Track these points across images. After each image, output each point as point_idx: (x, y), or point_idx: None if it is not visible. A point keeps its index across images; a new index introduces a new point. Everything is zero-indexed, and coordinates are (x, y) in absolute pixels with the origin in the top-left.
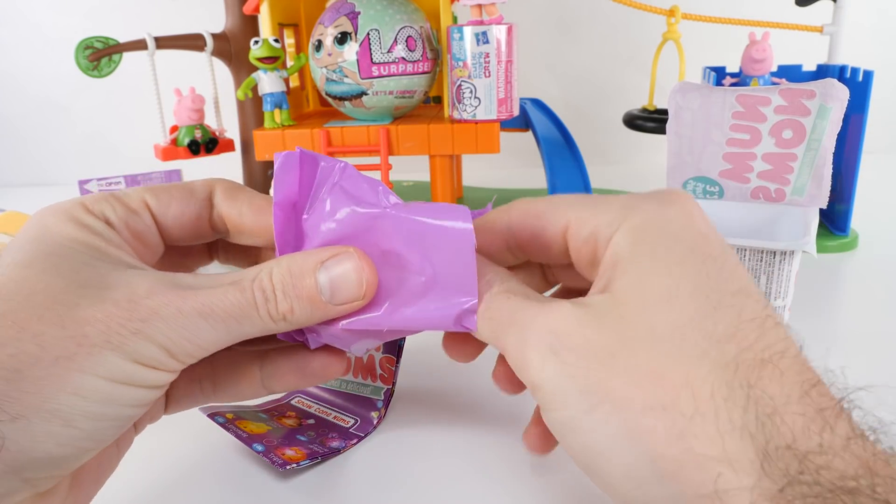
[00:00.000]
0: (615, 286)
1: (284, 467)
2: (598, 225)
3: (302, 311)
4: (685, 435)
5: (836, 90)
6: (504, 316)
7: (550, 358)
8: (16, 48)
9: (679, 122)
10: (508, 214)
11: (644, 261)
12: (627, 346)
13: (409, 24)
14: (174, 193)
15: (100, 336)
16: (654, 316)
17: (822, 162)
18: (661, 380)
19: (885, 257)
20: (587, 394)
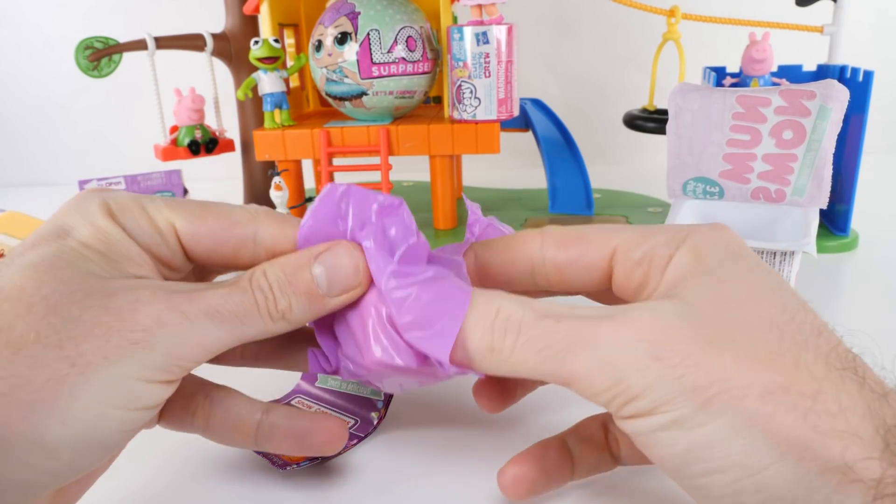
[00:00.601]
0: (687, 294)
1: (284, 468)
2: (653, 247)
3: (300, 307)
4: (809, 414)
5: (836, 91)
6: (560, 341)
7: (652, 364)
8: (16, 48)
9: (679, 123)
10: (541, 238)
11: (716, 270)
12: (730, 338)
13: (409, 24)
14: (211, 225)
15: (96, 352)
16: (742, 313)
17: (823, 162)
18: (774, 363)
19: (886, 257)
20: (699, 389)
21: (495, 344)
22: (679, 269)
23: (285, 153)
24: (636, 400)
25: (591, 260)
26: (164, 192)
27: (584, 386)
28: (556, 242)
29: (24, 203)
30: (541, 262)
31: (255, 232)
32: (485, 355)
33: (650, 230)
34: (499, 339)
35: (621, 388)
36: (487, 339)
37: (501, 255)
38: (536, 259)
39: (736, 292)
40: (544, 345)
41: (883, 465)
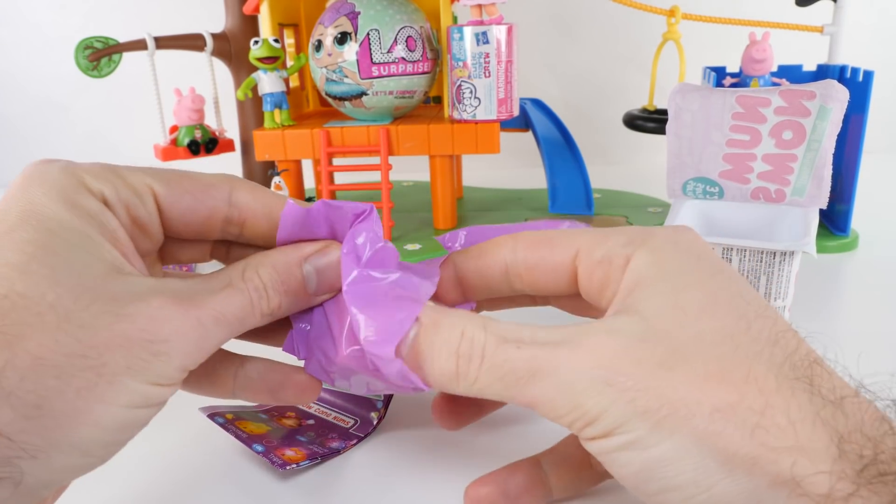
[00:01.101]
0: (643, 306)
1: (284, 468)
2: (612, 247)
3: (288, 304)
4: (757, 430)
5: (836, 91)
6: (520, 369)
7: (606, 390)
8: (16, 48)
9: (679, 123)
10: (515, 240)
11: (674, 277)
12: (681, 356)
13: (409, 24)
14: (187, 186)
15: (120, 363)
16: (698, 326)
17: (823, 162)
18: (724, 380)
19: (886, 257)
20: (650, 412)
21: (460, 370)
22: (637, 274)
23: (285, 153)
24: (595, 423)
25: (557, 260)
26: None
27: (545, 410)
28: (526, 245)
29: None
30: (514, 263)
31: (229, 195)
32: (451, 380)
33: (612, 231)
34: (463, 364)
35: (580, 413)
36: (452, 364)
37: (477, 261)
38: (510, 261)
39: (692, 303)
40: (505, 372)
41: (832, 479)
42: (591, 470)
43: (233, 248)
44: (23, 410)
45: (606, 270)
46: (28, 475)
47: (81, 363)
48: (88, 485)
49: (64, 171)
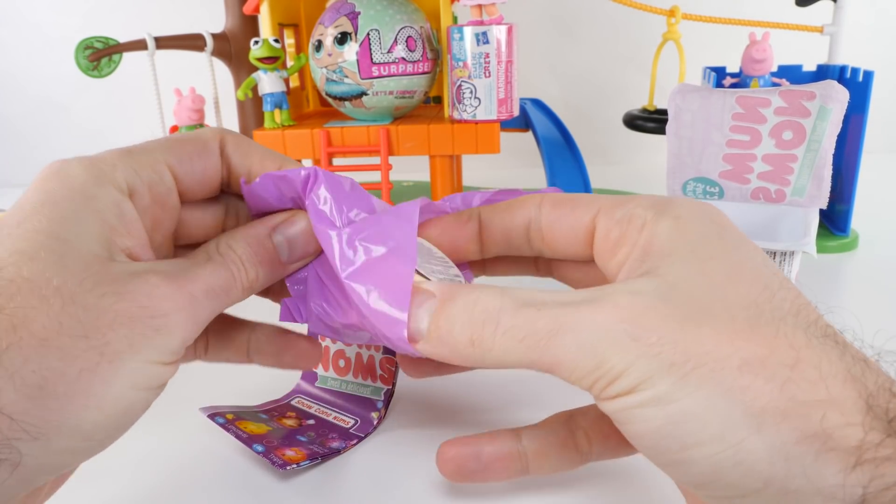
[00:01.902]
0: (666, 271)
1: (284, 468)
2: (633, 208)
3: (265, 275)
4: (787, 384)
5: (836, 92)
6: (542, 329)
7: (631, 345)
8: (16, 48)
9: (679, 124)
10: (542, 199)
11: (698, 246)
12: (707, 314)
13: (409, 24)
14: (190, 149)
15: (122, 341)
16: (722, 292)
17: (823, 163)
18: (753, 335)
19: (886, 257)
20: (676, 365)
21: (475, 336)
22: (658, 239)
23: (285, 153)
24: (618, 380)
25: (577, 219)
26: None
27: (567, 371)
28: (551, 203)
29: None
30: (537, 220)
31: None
32: (466, 348)
33: (635, 196)
34: (478, 330)
35: (604, 371)
36: (468, 331)
37: (503, 216)
38: (534, 218)
39: (716, 271)
40: (526, 334)
41: (863, 431)
42: (575, 452)
43: None
44: (25, 391)
45: (624, 229)
46: (27, 457)
47: (85, 344)
48: (89, 484)
49: (82, 164)
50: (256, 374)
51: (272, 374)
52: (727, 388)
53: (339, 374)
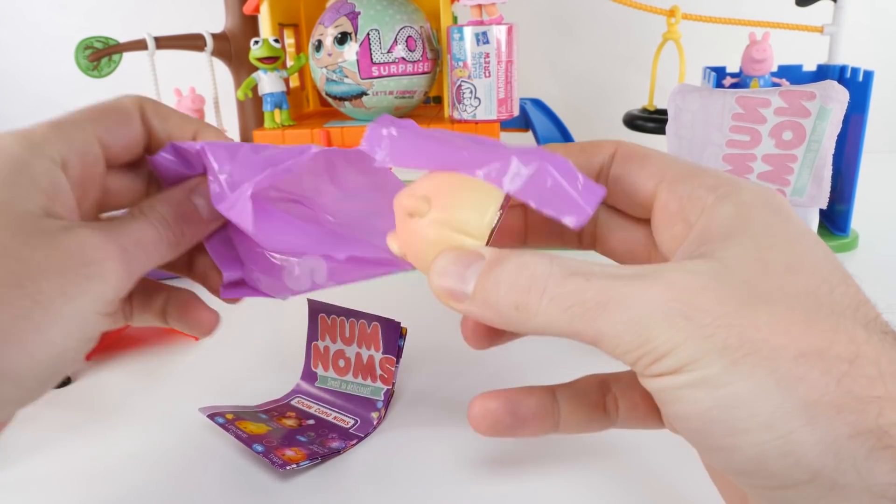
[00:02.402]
0: (723, 255)
1: (284, 468)
2: (698, 185)
3: (190, 234)
4: (844, 378)
5: (835, 92)
6: (590, 300)
7: (682, 324)
8: (16, 48)
9: (679, 124)
10: (617, 145)
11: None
12: (765, 301)
13: (409, 24)
14: (114, 117)
15: (55, 289)
16: (781, 281)
17: (822, 163)
18: (811, 327)
19: (886, 257)
20: (729, 349)
21: (520, 300)
22: (719, 224)
23: None
24: (664, 359)
25: (642, 180)
26: None
27: (611, 345)
28: (623, 154)
29: None
30: (607, 167)
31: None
32: (510, 312)
33: (703, 170)
34: (523, 295)
35: (649, 348)
36: (513, 295)
37: (578, 156)
38: (605, 164)
39: (776, 260)
40: (572, 303)
41: None
42: (604, 414)
43: None
44: None
45: (684, 206)
46: None
47: (19, 293)
48: (89, 484)
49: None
50: (256, 375)
51: (272, 375)
52: (781, 376)
53: (339, 374)
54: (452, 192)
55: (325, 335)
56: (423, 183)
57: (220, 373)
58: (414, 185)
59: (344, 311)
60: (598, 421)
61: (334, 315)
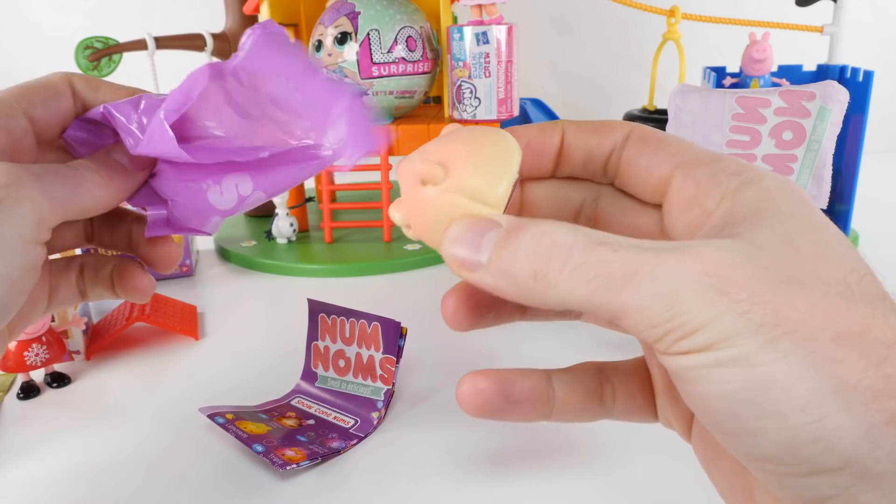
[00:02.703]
0: (752, 236)
1: (284, 468)
2: (717, 172)
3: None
4: (883, 363)
5: (836, 92)
6: (616, 271)
7: (716, 299)
8: (16, 48)
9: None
10: (630, 128)
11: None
12: (799, 283)
13: (409, 24)
14: (41, 93)
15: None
16: (812, 265)
17: (822, 163)
18: (849, 311)
19: (886, 257)
20: (766, 327)
21: (539, 269)
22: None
23: None
24: (694, 335)
25: (657, 163)
26: None
27: (635, 319)
28: (638, 136)
29: None
30: (619, 149)
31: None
32: (527, 282)
33: (722, 157)
34: (543, 264)
35: (678, 322)
36: (532, 264)
37: (590, 136)
38: (618, 146)
39: (805, 245)
40: (597, 273)
41: None
42: (599, 404)
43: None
44: None
45: (702, 191)
46: None
47: None
48: (89, 484)
49: None
50: (256, 375)
51: (272, 375)
52: (819, 358)
53: (339, 374)
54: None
55: (325, 335)
56: (437, 148)
57: (220, 373)
58: (426, 150)
59: (344, 311)
60: (592, 410)
61: (334, 315)
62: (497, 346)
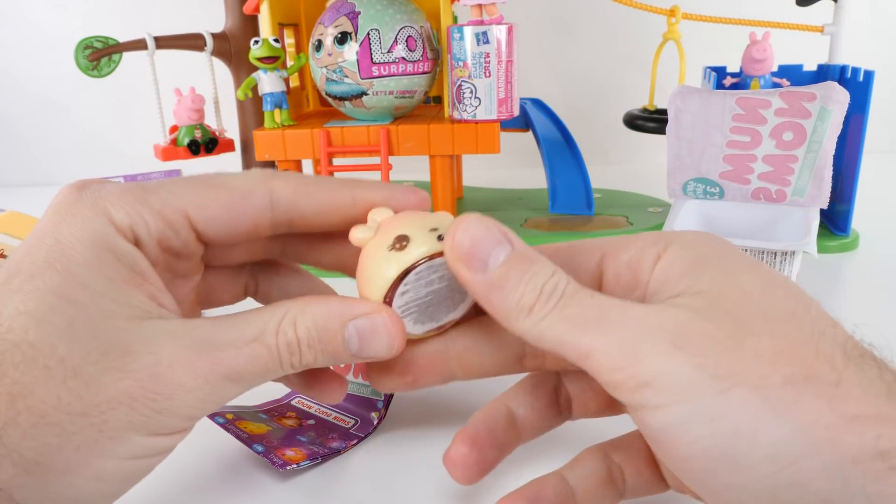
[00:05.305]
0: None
1: (284, 468)
2: (640, 247)
3: (325, 361)
4: (834, 400)
5: (836, 93)
6: (590, 312)
7: (673, 352)
8: (16, 48)
9: (679, 125)
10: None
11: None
12: (748, 331)
13: (410, 23)
14: (224, 200)
15: (122, 420)
16: (761, 304)
17: (823, 163)
18: (795, 356)
19: (886, 257)
20: (719, 379)
21: (533, 304)
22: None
23: (285, 153)
24: (650, 385)
25: (581, 267)
26: None
27: (599, 361)
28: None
29: (24, 203)
30: None
31: (269, 199)
32: (521, 314)
33: (635, 236)
34: (543, 300)
35: (637, 370)
36: (533, 298)
37: None
38: None
39: (751, 282)
40: (574, 313)
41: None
42: (614, 488)
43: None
44: (24, 466)
45: (635, 271)
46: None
47: (82, 421)
48: None
49: (93, 207)
50: None
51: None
52: (774, 403)
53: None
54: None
55: None
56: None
57: None
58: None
59: None
60: (610, 496)
61: None
62: None
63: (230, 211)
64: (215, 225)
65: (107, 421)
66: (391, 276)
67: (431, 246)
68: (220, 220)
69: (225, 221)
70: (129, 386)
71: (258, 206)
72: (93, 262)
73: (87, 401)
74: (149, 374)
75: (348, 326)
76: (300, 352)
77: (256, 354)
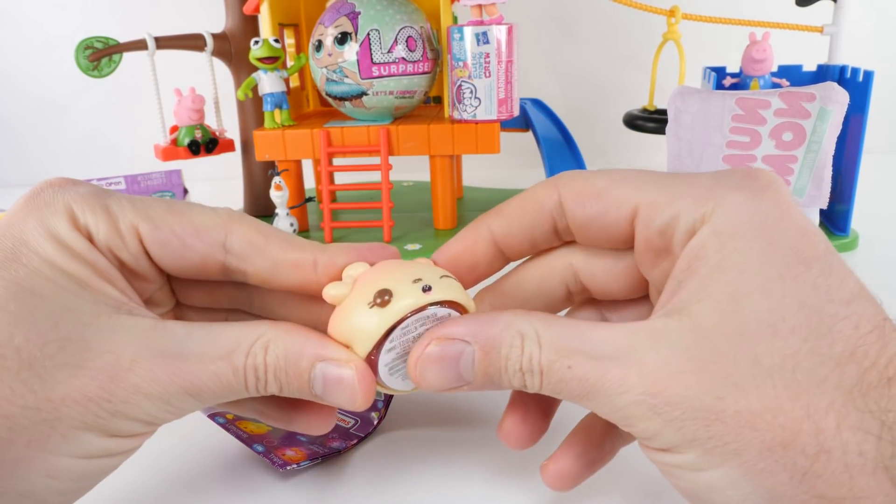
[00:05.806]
0: (697, 309)
1: (284, 468)
2: (676, 214)
3: (291, 394)
4: (807, 476)
5: (836, 94)
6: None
7: (654, 417)
8: (16, 48)
9: (679, 126)
10: (557, 191)
11: (735, 276)
12: (733, 385)
13: (410, 24)
14: (176, 229)
15: (75, 418)
16: (757, 345)
17: (822, 164)
18: (778, 417)
19: (886, 257)
20: (698, 441)
21: (527, 382)
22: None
23: (285, 153)
24: (650, 441)
25: (612, 220)
26: (165, 192)
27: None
28: (573, 199)
29: None
30: (561, 217)
31: (224, 239)
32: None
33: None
34: (528, 378)
35: (635, 431)
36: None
37: (520, 222)
38: (557, 216)
39: (754, 316)
40: (560, 390)
41: None
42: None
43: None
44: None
45: (668, 241)
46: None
47: (35, 416)
48: None
49: (61, 205)
50: None
51: None
52: (749, 468)
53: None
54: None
55: None
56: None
57: None
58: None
59: None
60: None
61: None
62: None
63: (179, 240)
64: (165, 251)
65: (60, 418)
66: (375, 333)
67: (417, 298)
68: (170, 246)
69: (174, 249)
70: (85, 384)
71: (209, 244)
72: (58, 258)
73: (41, 395)
74: (107, 373)
75: (316, 367)
76: (266, 379)
77: (221, 373)
